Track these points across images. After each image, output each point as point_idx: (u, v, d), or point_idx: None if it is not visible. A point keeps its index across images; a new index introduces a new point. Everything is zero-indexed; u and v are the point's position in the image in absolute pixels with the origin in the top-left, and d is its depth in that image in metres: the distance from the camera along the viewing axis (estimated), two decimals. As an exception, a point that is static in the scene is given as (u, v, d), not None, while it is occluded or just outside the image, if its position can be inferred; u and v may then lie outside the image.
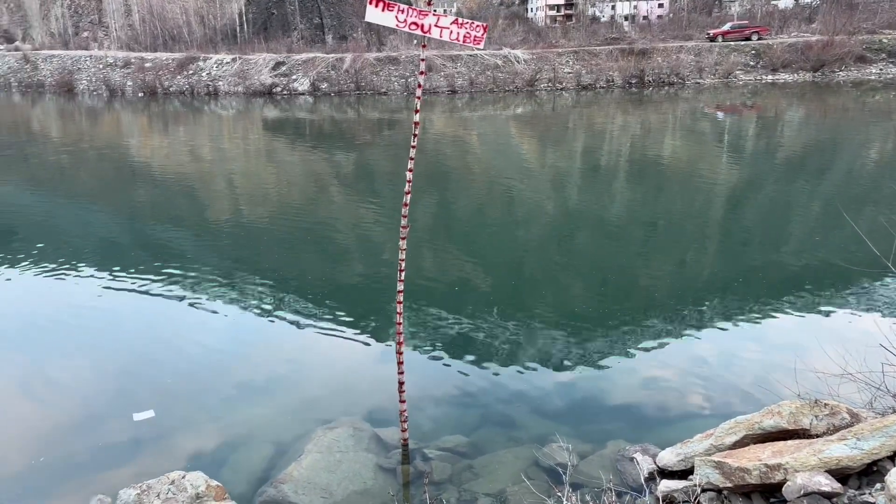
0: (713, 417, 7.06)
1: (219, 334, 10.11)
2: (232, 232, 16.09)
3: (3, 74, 64.45)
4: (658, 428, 7.14)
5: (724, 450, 5.22)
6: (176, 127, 38.85)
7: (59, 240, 15.62)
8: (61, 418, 7.80)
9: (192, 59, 55.47)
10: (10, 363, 9.27)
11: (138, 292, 11.76)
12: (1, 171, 25.70)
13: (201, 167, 25.79)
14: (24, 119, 45.14)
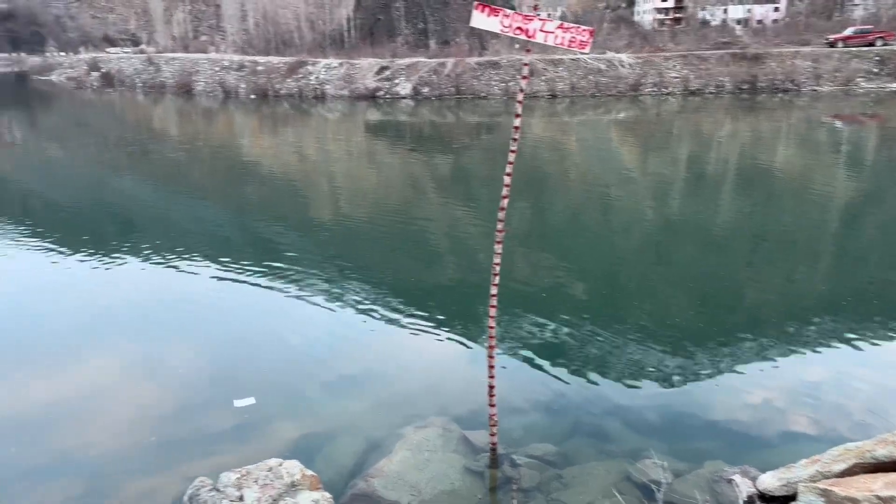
0: (819, 443, 6.66)
1: (317, 327, 10.45)
2: (332, 230, 16.61)
3: (129, 75, 69.12)
4: (759, 450, 6.81)
5: (831, 477, 4.91)
6: (284, 128, 40.47)
7: (173, 232, 16.61)
8: (170, 401, 8.28)
9: (302, 64, 57.60)
10: (126, 348, 9.93)
11: (244, 284, 12.32)
12: (125, 167, 27.58)
13: (306, 167, 26.75)
14: (147, 118, 48.29)
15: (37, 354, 9.63)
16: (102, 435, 7.51)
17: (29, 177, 26.41)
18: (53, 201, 21.70)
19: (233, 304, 11.61)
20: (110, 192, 22.60)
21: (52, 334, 10.37)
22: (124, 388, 8.70)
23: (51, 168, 28.61)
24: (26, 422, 7.77)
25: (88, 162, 29.48)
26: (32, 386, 8.69)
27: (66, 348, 9.90)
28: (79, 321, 10.94)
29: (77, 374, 9.08)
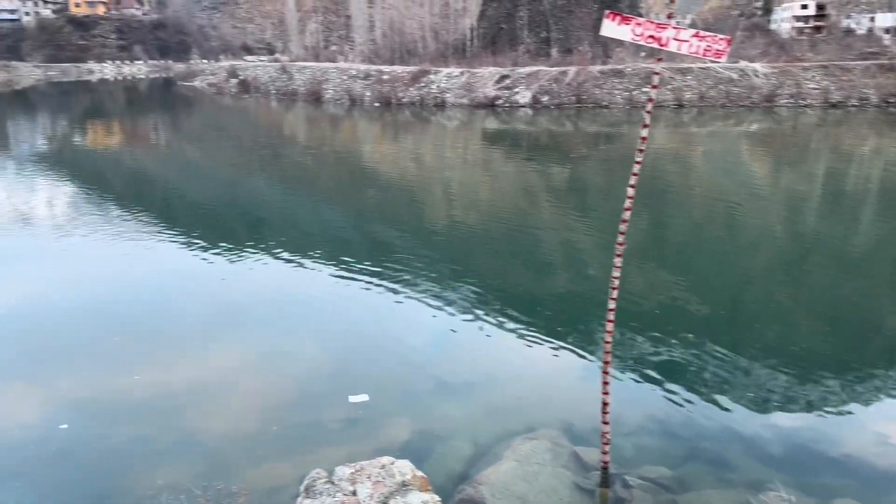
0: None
1: (430, 329, 10.61)
2: (447, 235, 16.82)
3: (264, 83, 73.17)
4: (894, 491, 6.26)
5: None
6: (405, 135, 41.48)
7: (298, 232, 17.40)
8: (290, 392, 8.68)
9: (425, 73, 58.84)
10: (251, 339, 10.50)
11: (362, 284, 12.71)
12: (257, 169, 29.21)
13: (423, 174, 27.27)
14: (279, 123, 50.95)
15: (173, 341, 10.36)
16: (228, 419, 7.97)
17: (171, 175, 28.54)
18: (192, 199, 23.32)
19: (351, 302, 11.99)
20: (243, 192, 24.01)
21: (186, 323, 11.13)
22: (249, 376, 9.19)
23: (191, 168, 30.79)
24: (162, 403, 8.38)
25: (224, 163, 31.47)
26: (168, 370, 9.36)
27: (198, 336, 10.60)
28: (211, 312, 11.68)
29: (207, 361, 9.69)
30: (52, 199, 22.52)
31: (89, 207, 21.00)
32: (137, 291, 12.71)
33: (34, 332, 10.69)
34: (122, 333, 10.55)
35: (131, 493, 6.40)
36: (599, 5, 63.90)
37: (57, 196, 23.00)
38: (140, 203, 21.62)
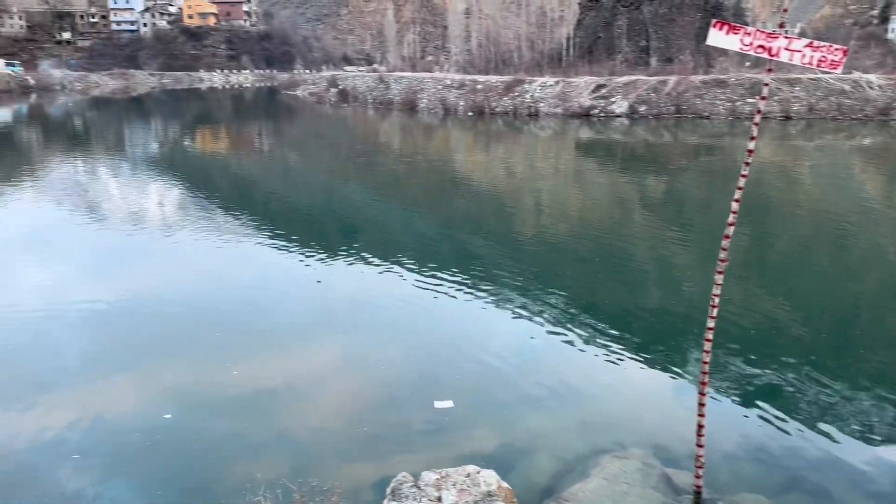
0: None
1: (516, 339, 10.55)
2: (536, 246, 16.69)
3: (362, 92, 75.12)
4: None
5: None
6: (496, 145, 41.55)
7: (388, 238, 17.73)
8: (377, 394, 8.83)
9: (519, 82, 58.79)
10: (341, 340, 10.77)
11: (448, 291, 12.79)
12: (352, 175, 30.00)
13: (513, 183, 27.22)
14: (374, 131, 52.15)
15: (269, 338, 10.76)
16: (318, 418, 8.20)
17: (272, 180, 29.72)
18: (291, 203, 24.20)
19: (437, 309, 12.10)
20: (338, 197, 24.71)
21: (282, 321, 11.54)
22: (338, 377, 9.43)
23: (290, 173, 31.96)
24: (257, 398, 8.72)
25: (322, 169, 32.51)
26: (264, 367, 9.73)
27: (292, 335, 10.97)
28: (304, 312, 12.07)
29: (299, 360, 10.02)
30: (162, 199, 23.92)
31: (196, 208, 22.17)
32: (237, 289, 13.30)
33: (144, 324, 11.37)
34: (223, 329, 11.06)
35: (229, 484, 6.68)
36: (702, 14, 62.04)
37: (167, 197, 24.41)
38: (243, 205, 22.63)
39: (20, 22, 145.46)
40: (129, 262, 15.50)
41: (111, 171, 31.76)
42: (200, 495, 6.67)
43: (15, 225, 19.26)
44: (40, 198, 24.15)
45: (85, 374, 9.49)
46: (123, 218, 20.63)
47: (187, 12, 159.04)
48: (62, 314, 11.77)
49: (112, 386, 9.15)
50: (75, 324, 11.33)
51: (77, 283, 13.53)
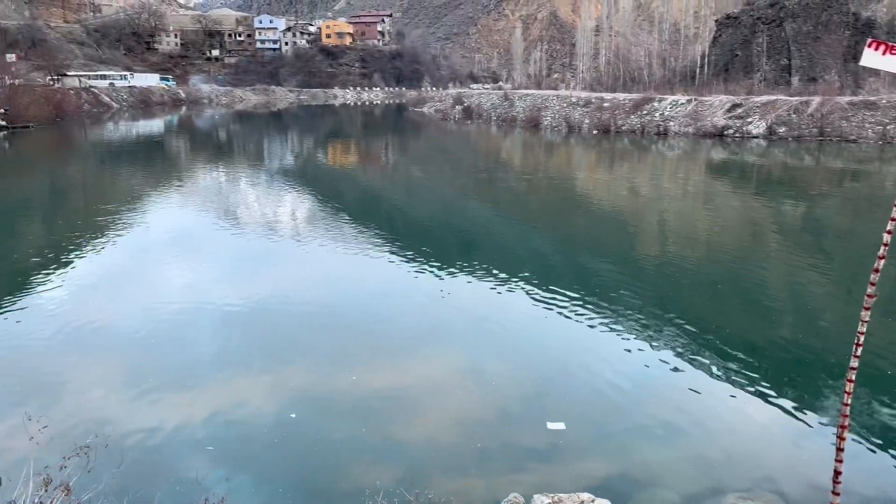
0: None
1: (632, 366, 10.17)
2: (658, 269, 16.05)
3: (486, 109, 75.87)
4: None
5: None
6: (621, 163, 40.57)
7: (507, 254, 17.66)
8: (489, 411, 8.78)
9: (648, 100, 57.27)
10: (454, 354, 10.82)
11: (562, 311, 12.55)
12: (472, 190, 30.25)
13: (637, 203, 26.41)
14: (496, 148, 52.43)
15: (387, 347, 11.02)
16: (432, 429, 8.26)
17: (396, 193, 30.52)
18: (413, 215, 24.73)
19: (552, 328, 11.90)
20: (458, 211, 24.97)
21: (399, 331, 11.78)
22: (452, 390, 9.47)
23: (413, 187, 32.69)
24: (375, 404, 8.94)
25: (443, 183, 33.02)
26: (382, 374, 9.97)
27: (409, 345, 11.15)
28: (421, 323, 12.24)
29: (415, 370, 10.15)
30: (294, 208, 25.15)
31: (325, 218, 23.14)
32: (359, 297, 13.72)
33: (273, 325, 11.98)
34: (345, 335, 11.43)
35: (348, 487, 6.88)
36: (851, 32, 57.98)
37: (299, 206, 25.64)
38: (368, 216, 23.39)
39: (175, 40, 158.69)
40: (262, 266, 16.40)
41: (249, 179, 33.82)
42: (321, 495, 6.93)
43: (163, 227, 20.90)
44: (186, 202, 26.10)
45: (219, 369, 10.10)
46: (259, 224, 21.89)
47: (325, 32, 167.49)
48: (199, 312, 12.60)
49: (243, 382, 9.67)
50: (211, 322, 12.09)
51: (214, 284, 14.47)
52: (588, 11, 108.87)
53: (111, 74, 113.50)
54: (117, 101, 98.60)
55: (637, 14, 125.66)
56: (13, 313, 12.40)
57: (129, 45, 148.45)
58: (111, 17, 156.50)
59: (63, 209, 25.64)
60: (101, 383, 9.50)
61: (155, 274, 15.50)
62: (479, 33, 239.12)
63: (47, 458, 5.79)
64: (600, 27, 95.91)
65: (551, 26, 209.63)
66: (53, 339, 11.19)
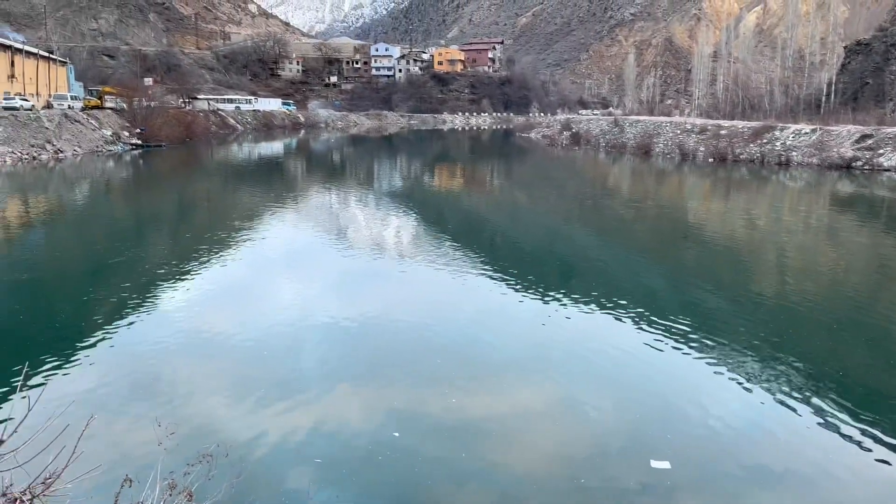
0: None
1: (744, 406, 9.61)
2: (772, 306, 15.13)
3: (595, 135, 74.97)
4: None
5: None
6: (738, 194, 38.87)
7: (609, 283, 17.24)
8: (588, 444, 8.55)
9: (769, 128, 54.75)
10: (553, 382, 10.62)
11: (669, 345, 12.07)
12: (577, 217, 29.85)
13: (753, 236, 25.15)
14: (604, 174, 51.59)
15: (484, 371, 10.99)
16: (530, 459, 8.14)
17: (498, 217, 30.58)
18: (515, 240, 24.66)
19: (655, 361, 11.47)
20: (562, 238, 24.69)
21: (498, 356, 11.72)
22: (551, 419, 9.30)
23: (516, 211, 32.65)
24: (472, 428, 8.92)
25: (547, 209, 32.79)
26: (478, 398, 9.94)
27: (506, 371, 11.06)
28: (520, 349, 12.12)
29: (514, 397, 10.05)
30: (400, 229, 25.71)
31: (429, 239, 23.51)
32: (458, 319, 13.82)
33: (376, 342, 12.25)
34: (443, 358, 11.49)
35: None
36: None
37: (404, 227, 26.20)
38: (470, 240, 23.55)
39: (297, 67, 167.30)
40: (367, 284, 16.84)
41: (359, 200, 34.94)
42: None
43: (277, 243, 21.93)
44: (299, 220, 27.27)
45: (325, 382, 10.42)
46: (365, 244, 22.55)
47: (438, 59, 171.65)
48: (307, 326, 13.07)
49: (348, 397, 9.93)
50: (318, 336, 12.51)
51: (321, 300, 15.00)
52: (706, 37, 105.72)
53: (237, 98, 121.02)
54: (242, 124, 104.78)
55: (758, 40, 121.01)
56: (139, 320, 13.30)
57: (255, 71, 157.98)
58: (239, 44, 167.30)
59: (189, 222, 27.40)
60: (219, 391, 9.99)
61: (267, 287, 16.24)
62: (591, 59, 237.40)
63: (173, 463, 6.15)
64: (718, 53, 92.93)
65: (666, 52, 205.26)
66: (176, 346, 11.91)
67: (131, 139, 63.05)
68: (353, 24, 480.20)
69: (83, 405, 8.88)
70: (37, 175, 41.13)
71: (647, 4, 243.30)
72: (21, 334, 12.54)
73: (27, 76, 68.30)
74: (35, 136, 50.25)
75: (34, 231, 24.38)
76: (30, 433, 4.09)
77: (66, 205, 30.82)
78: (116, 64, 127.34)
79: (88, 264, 19.10)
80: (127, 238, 22.86)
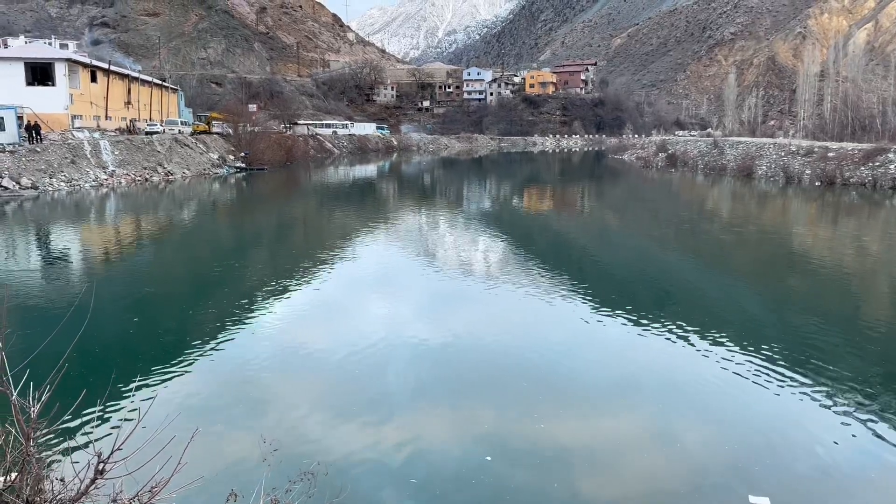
0: None
1: (847, 443, 9.04)
2: (878, 340, 14.10)
3: (692, 157, 72.78)
4: None
5: None
6: (847, 219, 36.71)
7: (704, 310, 16.63)
8: (684, 478, 8.26)
9: (882, 150, 51.49)
10: (643, 412, 10.31)
11: (769, 376, 11.50)
12: (672, 241, 28.97)
13: (864, 264, 23.64)
14: (702, 197, 49.91)
15: (571, 396, 10.82)
16: (618, 491, 7.93)
17: (588, 240, 30.11)
18: (605, 264, 24.20)
19: (753, 393, 10.99)
20: (655, 263, 24.01)
21: (584, 382, 11.51)
22: (642, 451, 9.04)
23: (607, 235, 32.06)
24: (560, 455, 8.82)
25: (640, 232, 32.02)
26: (567, 425, 9.80)
27: (594, 397, 10.87)
28: (608, 376, 11.87)
29: (602, 425, 9.85)
30: (488, 251, 25.77)
31: (517, 262, 23.45)
32: (544, 343, 13.68)
33: (463, 364, 12.33)
34: (530, 380, 11.40)
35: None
36: None
37: (492, 249, 26.24)
38: (559, 263, 23.31)
39: (392, 92, 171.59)
40: (454, 305, 16.97)
41: (448, 221, 35.30)
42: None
43: (369, 262, 22.45)
44: (390, 240, 27.82)
45: (416, 402, 10.59)
46: (454, 265, 22.76)
47: (529, 82, 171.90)
48: (397, 345, 13.30)
49: (439, 418, 10.05)
50: (408, 356, 12.70)
51: (410, 320, 15.24)
52: (812, 56, 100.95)
53: (334, 123, 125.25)
54: (338, 148, 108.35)
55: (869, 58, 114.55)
56: (239, 336, 13.90)
57: (351, 97, 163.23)
58: (337, 71, 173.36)
59: (288, 242, 28.48)
60: (316, 408, 10.31)
61: (360, 306, 16.63)
62: (688, 79, 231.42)
63: (276, 479, 6.37)
64: (825, 72, 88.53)
65: (769, 71, 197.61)
66: (274, 362, 12.38)
67: (236, 162, 66.31)
68: (447, 50, 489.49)
69: (189, 417, 9.35)
70: (148, 196, 43.89)
71: (749, 23, 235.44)
72: (132, 348, 13.34)
73: (142, 102, 73.34)
74: (148, 160, 53.70)
75: (143, 249, 26.00)
76: (139, 443, 4.35)
77: (174, 224, 32.71)
78: (223, 91, 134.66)
79: (193, 282, 20.16)
80: (230, 256, 23.99)
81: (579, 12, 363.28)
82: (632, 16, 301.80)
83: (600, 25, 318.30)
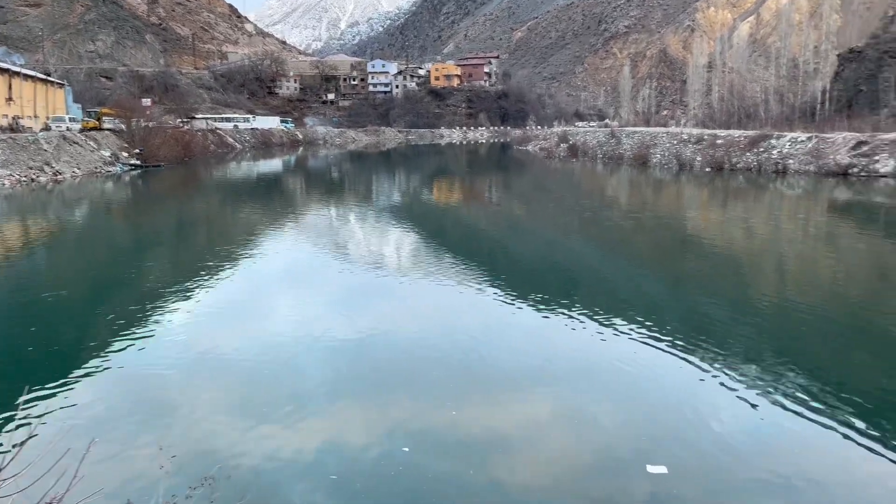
0: None
1: (745, 416, 9.64)
2: (770, 314, 15.18)
3: (592, 147, 75.24)
4: None
5: None
6: (735, 202, 39.01)
7: (608, 294, 17.32)
8: (588, 452, 8.60)
9: (765, 137, 54.97)
10: (556, 395, 10.65)
11: (668, 355, 12.12)
12: (575, 229, 29.94)
13: (751, 244, 25.23)
14: (602, 186, 51.77)
15: (484, 384, 11.05)
16: (531, 470, 8.23)
17: (497, 230, 30.67)
18: (513, 253, 24.73)
19: (654, 369, 11.56)
20: (560, 250, 24.75)
21: (498, 369, 11.76)
22: (551, 431, 9.39)
23: (515, 224, 32.76)
24: (474, 442, 9.02)
25: (545, 221, 32.89)
26: (482, 412, 10.02)
27: (505, 383, 11.12)
28: (520, 362, 12.17)
29: (514, 409, 10.11)
30: (399, 244, 25.80)
31: (428, 254, 23.61)
32: (457, 333, 13.85)
33: (376, 357, 12.32)
34: (445, 370, 11.55)
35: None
36: None
37: (403, 242, 26.29)
38: (469, 253, 23.62)
39: (295, 85, 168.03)
40: (366, 300, 16.91)
41: (358, 216, 35.08)
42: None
43: (276, 260, 22.00)
44: (298, 237, 27.36)
45: (329, 400, 10.47)
46: (364, 259, 22.65)
47: (434, 74, 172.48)
48: (307, 344, 13.12)
49: (353, 413, 9.99)
50: (319, 353, 12.56)
51: (321, 317, 15.06)
52: (700, 48, 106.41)
53: (235, 117, 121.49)
54: (240, 142, 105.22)
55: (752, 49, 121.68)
56: (139, 341, 13.33)
57: (252, 90, 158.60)
58: (236, 63, 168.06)
59: (188, 242, 27.49)
60: (220, 412, 9.99)
61: (267, 306, 16.28)
62: (586, 72, 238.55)
63: (175, 486, 6.16)
64: (713, 63, 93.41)
65: (661, 63, 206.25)
66: (175, 367, 11.93)
67: (130, 160, 63.27)
68: (350, 42, 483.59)
69: (84, 429, 8.90)
70: (35, 197, 41.26)
71: (641, 17, 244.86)
72: (21, 358, 12.56)
73: (25, 98, 68.60)
74: (33, 159, 50.43)
75: (33, 254, 24.46)
76: (31, 457, 4.12)
77: (65, 226, 30.92)
78: (114, 85, 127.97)
79: (88, 286, 19.15)
80: (126, 259, 22.93)
81: (480, 5, 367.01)
82: (531, 9, 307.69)
83: (501, 18, 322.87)
